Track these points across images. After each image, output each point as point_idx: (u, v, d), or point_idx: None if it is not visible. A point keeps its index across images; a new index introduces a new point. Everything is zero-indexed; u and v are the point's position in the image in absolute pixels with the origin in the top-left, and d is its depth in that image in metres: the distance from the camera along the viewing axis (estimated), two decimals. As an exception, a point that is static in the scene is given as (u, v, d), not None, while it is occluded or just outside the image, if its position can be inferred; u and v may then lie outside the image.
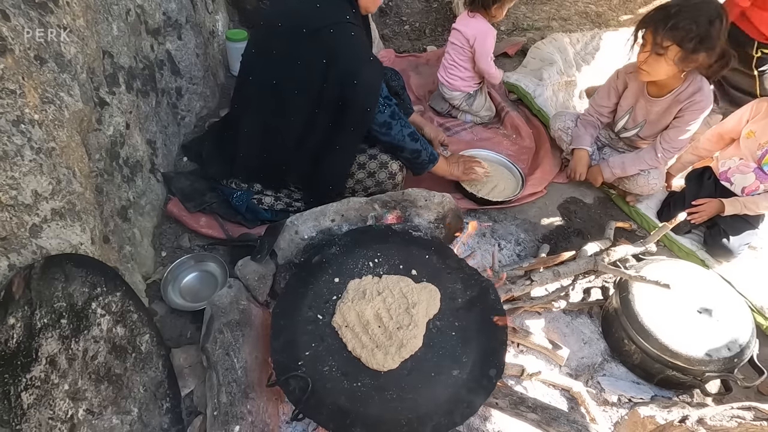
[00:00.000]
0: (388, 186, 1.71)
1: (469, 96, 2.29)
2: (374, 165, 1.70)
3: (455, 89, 2.27)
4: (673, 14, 1.54)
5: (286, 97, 1.54)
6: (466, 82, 2.25)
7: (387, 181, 1.70)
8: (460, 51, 2.18)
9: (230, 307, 1.27)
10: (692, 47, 1.55)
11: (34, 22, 1.09)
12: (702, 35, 1.53)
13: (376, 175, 1.70)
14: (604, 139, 2.13)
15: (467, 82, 2.25)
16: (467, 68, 2.22)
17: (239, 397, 1.13)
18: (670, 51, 1.57)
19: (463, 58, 2.19)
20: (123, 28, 1.54)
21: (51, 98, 1.08)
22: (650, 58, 1.62)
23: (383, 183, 1.70)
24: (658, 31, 1.57)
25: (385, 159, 1.70)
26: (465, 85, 2.26)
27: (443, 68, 2.29)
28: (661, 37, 1.56)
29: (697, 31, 1.52)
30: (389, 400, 1.08)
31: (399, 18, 3.04)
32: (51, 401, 0.88)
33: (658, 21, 1.57)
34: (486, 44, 2.12)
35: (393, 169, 1.70)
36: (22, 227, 0.95)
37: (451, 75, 2.25)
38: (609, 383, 1.46)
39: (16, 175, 0.95)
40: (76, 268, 1.01)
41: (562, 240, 1.86)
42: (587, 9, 3.30)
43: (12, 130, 0.94)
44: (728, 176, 1.86)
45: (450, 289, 1.29)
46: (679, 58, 1.59)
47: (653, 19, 1.60)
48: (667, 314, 1.42)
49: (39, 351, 0.87)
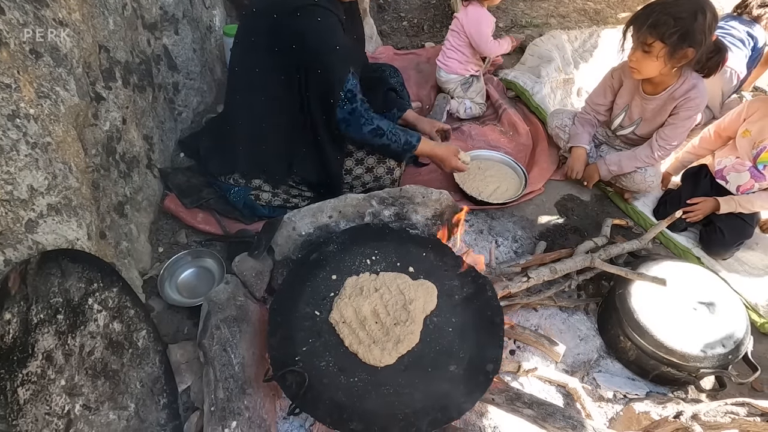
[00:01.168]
0: (386, 181, 1.71)
1: (465, 80, 2.33)
2: (372, 161, 1.70)
3: (452, 71, 2.32)
4: (655, 11, 1.56)
5: (270, 87, 1.52)
6: (463, 65, 2.31)
7: (385, 176, 1.70)
8: (457, 36, 2.28)
9: (227, 303, 1.27)
10: (675, 42, 1.56)
11: (29, 15, 1.08)
12: (683, 30, 1.53)
13: (374, 170, 1.70)
14: (602, 137, 2.13)
15: (464, 66, 2.31)
16: (464, 53, 2.29)
17: (236, 393, 1.13)
18: (655, 47, 1.58)
19: (461, 43, 2.27)
20: (119, 22, 1.53)
21: (47, 93, 1.07)
22: (637, 55, 1.64)
23: (381, 178, 1.70)
24: (641, 29, 1.58)
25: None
26: (462, 69, 2.31)
27: (442, 53, 2.35)
28: (644, 35, 1.58)
29: (677, 26, 1.53)
30: (386, 395, 1.08)
31: (397, 14, 3.03)
32: (47, 396, 0.88)
33: (641, 18, 1.59)
34: (482, 29, 2.20)
35: (391, 164, 1.70)
36: (18, 222, 0.95)
37: (449, 59, 2.32)
38: (604, 379, 1.47)
39: (12, 170, 0.94)
40: (73, 263, 1.01)
41: (559, 237, 1.86)
42: (585, 6, 3.30)
43: (7, 124, 0.94)
44: (723, 174, 1.87)
45: (447, 286, 1.29)
46: (666, 55, 1.60)
47: (637, 17, 1.62)
48: (663, 311, 1.43)
49: (35, 346, 0.87)
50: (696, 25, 1.53)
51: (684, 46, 1.57)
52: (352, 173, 1.70)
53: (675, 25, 1.53)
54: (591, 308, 1.66)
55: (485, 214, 1.92)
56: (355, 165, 1.69)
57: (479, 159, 2.09)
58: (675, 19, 1.53)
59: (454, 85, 2.33)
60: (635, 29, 1.62)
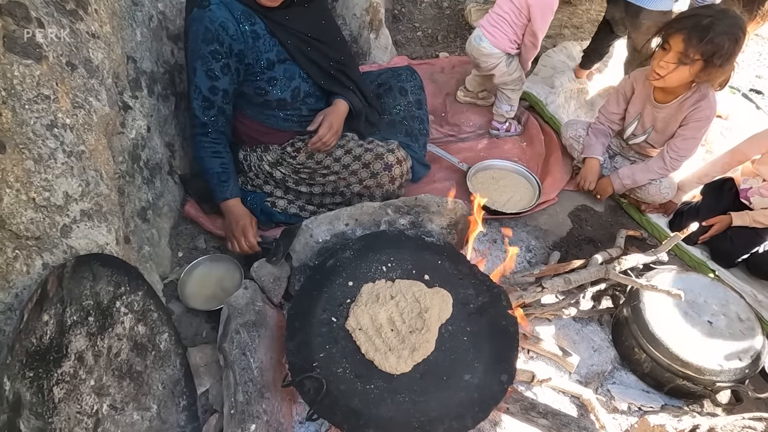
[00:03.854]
0: (384, 178, 1.67)
1: (509, 57, 2.14)
2: (369, 156, 1.67)
3: (498, 46, 2.09)
4: (706, 27, 1.52)
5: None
6: (511, 44, 2.11)
7: (383, 172, 1.66)
8: (517, 15, 2.03)
9: (246, 308, 1.30)
10: (720, 63, 1.55)
11: (65, 29, 1.13)
12: (731, 52, 1.54)
13: (371, 166, 1.66)
14: (615, 148, 2.14)
15: (511, 45, 2.11)
16: (517, 33, 2.08)
17: (255, 397, 1.16)
18: (697, 62, 1.57)
19: (518, 22, 2.06)
20: (146, 33, 1.59)
21: (81, 103, 1.12)
22: (670, 65, 1.60)
23: (378, 174, 1.66)
24: (692, 42, 1.54)
25: (381, 151, 1.67)
26: (508, 46, 2.11)
27: (489, 24, 2.08)
28: (693, 50, 1.54)
29: (728, 49, 1.53)
30: (401, 402, 1.10)
31: (412, 24, 3.07)
32: (78, 396, 0.91)
33: (692, 31, 1.54)
34: (547, 16, 1.99)
35: (389, 160, 1.65)
36: (54, 227, 0.99)
37: (500, 32, 2.07)
38: (619, 391, 1.47)
39: (50, 177, 0.99)
40: (103, 267, 1.04)
41: (573, 247, 1.87)
42: (599, 17, 3.30)
43: (46, 134, 0.98)
44: (748, 195, 1.85)
45: (462, 295, 1.31)
46: (701, 70, 1.60)
47: (685, 27, 1.56)
48: (678, 323, 1.43)
49: (69, 347, 0.90)
50: (737, 49, 1.54)
51: (725, 66, 1.57)
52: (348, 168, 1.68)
53: (728, 49, 1.52)
54: (605, 319, 1.66)
55: (499, 223, 1.94)
56: (353, 161, 1.68)
57: (493, 169, 2.11)
58: (729, 42, 1.51)
59: (496, 60, 2.14)
60: (684, 40, 1.55)
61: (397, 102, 1.94)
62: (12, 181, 0.90)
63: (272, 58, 1.55)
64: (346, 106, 1.72)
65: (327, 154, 1.71)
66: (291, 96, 1.63)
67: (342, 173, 1.69)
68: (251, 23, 1.48)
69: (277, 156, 1.74)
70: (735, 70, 1.65)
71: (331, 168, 1.70)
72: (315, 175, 1.72)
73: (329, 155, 1.71)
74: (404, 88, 1.96)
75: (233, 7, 1.44)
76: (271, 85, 1.58)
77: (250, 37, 1.48)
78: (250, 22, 1.47)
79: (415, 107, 1.96)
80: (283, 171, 1.75)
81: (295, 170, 1.74)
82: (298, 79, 1.62)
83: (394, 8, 3.10)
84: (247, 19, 1.47)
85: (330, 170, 1.70)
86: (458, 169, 2.07)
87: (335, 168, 1.69)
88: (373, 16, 2.53)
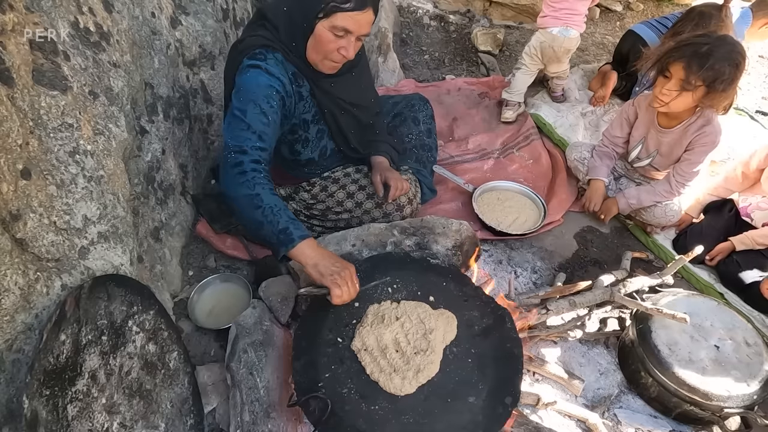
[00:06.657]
0: (395, 218, 1.69)
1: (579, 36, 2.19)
2: (354, 188, 1.71)
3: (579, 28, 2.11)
4: (706, 54, 1.55)
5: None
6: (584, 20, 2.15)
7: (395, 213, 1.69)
8: None
9: (254, 328, 1.33)
10: (722, 88, 1.58)
11: (89, 60, 1.20)
12: (732, 77, 1.57)
13: (384, 206, 1.68)
14: (621, 170, 2.16)
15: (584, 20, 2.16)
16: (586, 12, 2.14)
17: (261, 416, 1.18)
18: (699, 89, 1.60)
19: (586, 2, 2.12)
20: (163, 60, 1.66)
21: (101, 130, 1.18)
22: (673, 92, 1.63)
23: (391, 215, 1.69)
24: (692, 69, 1.57)
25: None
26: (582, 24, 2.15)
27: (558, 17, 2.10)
28: (694, 77, 1.57)
29: (729, 74, 1.56)
30: (406, 424, 1.10)
31: (419, 48, 3.15)
32: (90, 414, 0.94)
33: (691, 58, 1.57)
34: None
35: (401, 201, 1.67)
36: (73, 249, 1.04)
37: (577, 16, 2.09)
38: (626, 416, 1.46)
39: (70, 202, 1.03)
40: (117, 287, 1.08)
41: (579, 269, 1.88)
42: (604, 40, 3.37)
43: (69, 160, 1.04)
44: (748, 212, 1.87)
45: (467, 316, 1.32)
46: (704, 96, 1.62)
47: (684, 55, 1.59)
48: (685, 347, 1.42)
49: (83, 366, 0.94)
50: (738, 74, 1.57)
51: (727, 91, 1.60)
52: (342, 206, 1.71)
53: (729, 74, 1.55)
54: (611, 342, 1.65)
55: (504, 244, 1.95)
56: (346, 198, 1.71)
57: (498, 189, 2.14)
58: (730, 68, 1.54)
59: (575, 44, 2.16)
60: (684, 67, 1.58)
61: (410, 131, 1.99)
62: (36, 206, 0.95)
63: (308, 119, 1.59)
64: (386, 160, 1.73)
65: (340, 187, 1.73)
66: (319, 155, 1.69)
67: (355, 212, 1.71)
68: (298, 84, 1.50)
69: (291, 191, 1.79)
70: (737, 94, 1.68)
71: (344, 205, 1.72)
72: (328, 213, 1.74)
73: (343, 188, 1.73)
74: (417, 117, 2.01)
75: (287, 67, 1.47)
76: (304, 147, 1.64)
77: (295, 97, 1.51)
78: (297, 84, 1.50)
79: (425, 136, 2.01)
80: (295, 206, 1.78)
81: (307, 206, 1.78)
82: (326, 139, 1.68)
83: (402, 32, 3.19)
84: (296, 80, 1.50)
85: (343, 208, 1.72)
86: (464, 190, 2.10)
87: (348, 205, 1.72)
88: (382, 41, 2.61)
